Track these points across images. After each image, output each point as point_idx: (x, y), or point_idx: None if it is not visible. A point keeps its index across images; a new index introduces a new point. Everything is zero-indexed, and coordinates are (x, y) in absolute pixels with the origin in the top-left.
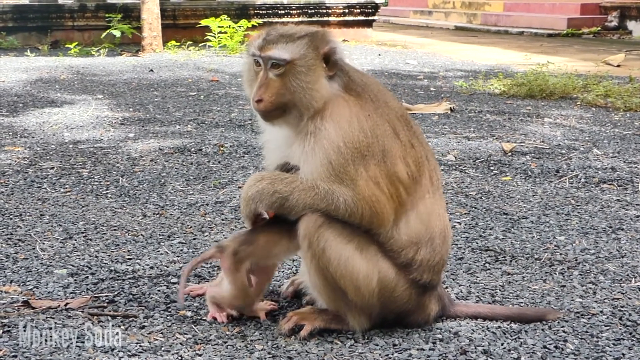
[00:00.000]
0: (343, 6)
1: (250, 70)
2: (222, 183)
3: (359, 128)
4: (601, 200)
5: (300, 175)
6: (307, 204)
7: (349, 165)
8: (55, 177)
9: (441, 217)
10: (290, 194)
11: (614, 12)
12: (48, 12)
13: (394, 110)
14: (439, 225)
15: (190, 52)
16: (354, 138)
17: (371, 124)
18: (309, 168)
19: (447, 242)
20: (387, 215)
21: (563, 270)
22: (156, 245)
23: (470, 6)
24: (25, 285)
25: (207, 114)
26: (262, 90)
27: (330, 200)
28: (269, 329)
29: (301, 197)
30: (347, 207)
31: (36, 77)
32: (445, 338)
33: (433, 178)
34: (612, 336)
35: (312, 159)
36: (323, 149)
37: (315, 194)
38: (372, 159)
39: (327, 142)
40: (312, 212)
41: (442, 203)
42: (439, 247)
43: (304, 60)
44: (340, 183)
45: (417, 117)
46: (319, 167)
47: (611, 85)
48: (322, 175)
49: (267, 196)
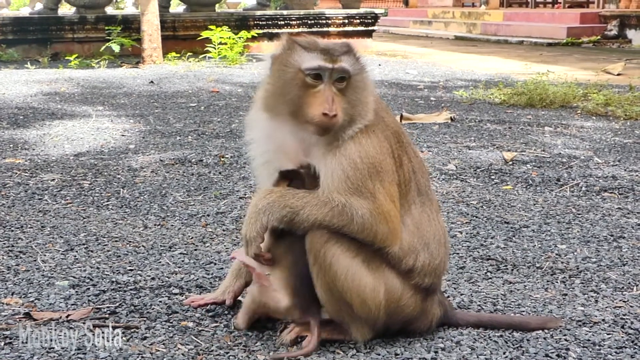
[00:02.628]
0: (343, 16)
1: (295, 85)
2: (223, 194)
3: (372, 145)
4: (602, 209)
5: (319, 188)
6: (317, 219)
7: (367, 180)
8: (56, 189)
9: (432, 222)
10: (302, 209)
11: (613, 21)
12: (48, 24)
13: (390, 127)
14: (430, 231)
15: (190, 63)
16: (370, 154)
17: (378, 141)
18: (328, 179)
19: (444, 244)
20: (399, 233)
21: (565, 279)
22: (157, 256)
23: (469, 16)
24: (26, 297)
25: (207, 125)
26: (335, 104)
27: (345, 216)
28: (270, 339)
29: (312, 212)
30: (364, 222)
31: (36, 90)
32: (447, 347)
33: (421, 187)
34: (614, 344)
35: (331, 170)
36: (344, 161)
37: (329, 209)
38: (385, 176)
39: (348, 155)
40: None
41: (432, 206)
42: (436, 251)
43: (361, 74)
44: (359, 196)
45: (418, 126)
46: (338, 179)
47: (611, 93)
48: (340, 188)
49: (278, 209)
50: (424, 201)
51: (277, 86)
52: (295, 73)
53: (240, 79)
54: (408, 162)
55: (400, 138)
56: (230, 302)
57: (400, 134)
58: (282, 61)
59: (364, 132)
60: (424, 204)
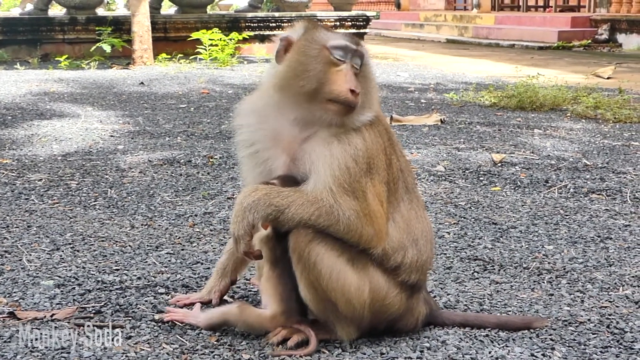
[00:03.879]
0: (334, 19)
1: (319, 62)
2: (211, 194)
3: (373, 140)
4: (590, 210)
5: (308, 182)
6: (303, 219)
7: (362, 177)
8: (43, 189)
9: (420, 219)
10: (287, 208)
11: (604, 25)
12: (38, 25)
13: (383, 124)
14: (419, 227)
15: (181, 64)
16: (370, 149)
17: (376, 137)
18: (321, 172)
19: (430, 241)
20: (384, 234)
21: (551, 279)
22: (144, 256)
23: (461, 19)
24: (11, 297)
25: (197, 126)
26: (356, 83)
27: (333, 216)
28: (256, 339)
29: (298, 211)
30: (350, 222)
31: (25, 90)
32: (432, 346)
33: (409, 185)
34: (600, 344)
35: (329, 163)
36: (345, 154)
37: (316, 208)
38: (377, 174)
39: (352, 147)
40: (305, 227)
41: (419, 204)
42: (424, 247)
43: (369, 66)
44: (349, 195)
45: (408, 128)
46: (332, 174)
47: (601, 97)
48: (332, 184)
49: (263, 207)
50: (411, 198)
51: (298, 64)
52: (320, 50)
53: (231, 81)
54: (396, 161)
55: (390, 136)
56: (216, 301)
57: (391, 132)
58: (306, 38)
59: (368, 126)
60: (411, 201)
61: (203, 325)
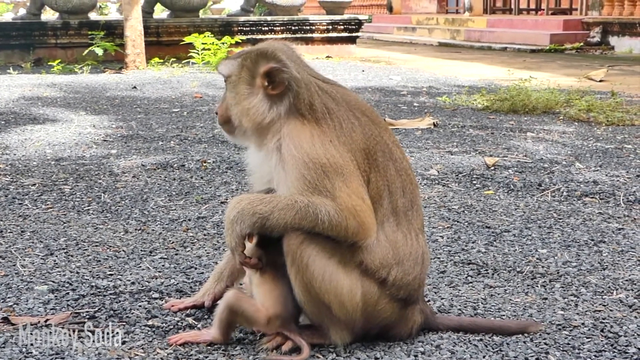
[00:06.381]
0: (327, 22)
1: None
2: (204, 198)
3: (323, 149)
4: (583, 214)
5: (279, 192)
6: (288, 222)
7: (324, 179)
8: (36, 194)
9: (409, 241)
10: (270, 214)
11: (596, 28)
12: (31, 29)
13: (356, 143)
14: (406, 250)
15: (173, 69)
16: (318, 156)
17: (334, 149)
18: (284, 184)
19: (420, 264)
20: (372, 225)
21: (545, 283)
22: (138, 260)
23: (453, 22)
24: (5, 302)
25: (190, 130)
26: (219, 103)
27: (313, 216)
28: (251, 344)
29: (281, 216)
30: (331, 218)
31: (18, 95)
32: (427, 351)
33: (398, 208)
34: (594, 348)
35: (284, 174)
36: (291, 163)
37: (295, 212)
38: (351, 177)
39: (292, 158)
40: (294, 230)
41: (410, 228)
42: (410, 268)
43: (237, 76)
44: (319, 194)
45: (400, 132)
46: (295, 182)
47: (593, 100)
48: (299, 189)
49: (248, 216)
50: (399, 221)
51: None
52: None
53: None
54: (380, 179)
55: (371, 156)
56: (209, 303)
57: (371, 152)
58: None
59: (296, 134)
60: (399, 224)
61: (216, 332)
